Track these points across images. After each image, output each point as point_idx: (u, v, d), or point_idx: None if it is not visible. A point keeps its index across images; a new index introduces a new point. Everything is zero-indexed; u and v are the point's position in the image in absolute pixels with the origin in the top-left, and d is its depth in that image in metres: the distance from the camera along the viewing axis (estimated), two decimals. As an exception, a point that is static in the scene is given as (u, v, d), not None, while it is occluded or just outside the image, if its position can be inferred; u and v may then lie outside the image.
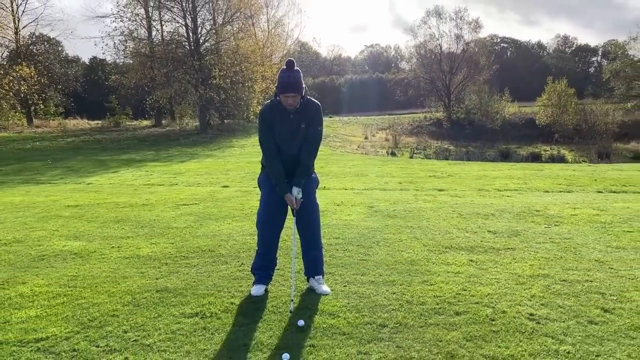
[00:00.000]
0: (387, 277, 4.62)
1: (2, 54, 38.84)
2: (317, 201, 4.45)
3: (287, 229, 4.58)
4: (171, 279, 4.61)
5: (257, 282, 4.29)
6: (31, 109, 37.59)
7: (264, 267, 4.33)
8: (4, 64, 36.19)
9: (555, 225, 6.72)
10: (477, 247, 5.60)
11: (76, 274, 4.83)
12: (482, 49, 46.47)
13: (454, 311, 3.80)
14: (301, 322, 3.59)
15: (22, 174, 15.35)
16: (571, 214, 7.41)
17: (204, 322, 3.66)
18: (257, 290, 4.21)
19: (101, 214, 8.00)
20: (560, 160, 29.04)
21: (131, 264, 5.14)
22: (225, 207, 8.46)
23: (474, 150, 32.27)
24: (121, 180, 13.03)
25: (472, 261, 5.09)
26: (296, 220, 4.25)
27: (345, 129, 41.70)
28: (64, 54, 49.58)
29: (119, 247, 5.84)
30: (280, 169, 4.15)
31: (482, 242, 5.85)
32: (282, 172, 4.15)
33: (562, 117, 38.37)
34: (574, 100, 39.84)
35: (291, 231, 4.51)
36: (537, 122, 39.83)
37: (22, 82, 33.56)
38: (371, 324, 3.59)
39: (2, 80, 32.90)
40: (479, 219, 7.14)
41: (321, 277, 4.36)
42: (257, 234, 4.40)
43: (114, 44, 33.81)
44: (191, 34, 33.74)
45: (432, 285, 4.39)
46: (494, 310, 3.81)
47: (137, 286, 4.43)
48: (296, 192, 4.15)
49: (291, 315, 3.73)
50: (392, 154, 28.76)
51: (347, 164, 16.81)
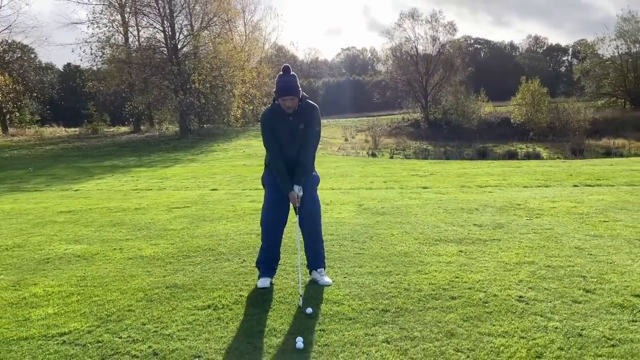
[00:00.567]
0: (384, 268, 4.89)
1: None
2: (318, 198, 4.71)
3: (288, 225, 4.81)
4: (178, 276, 4.82)
5: (262, 275, 4.53)
6: (6, 117, 37.09)
7: (268, 261, 4.57)
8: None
9: (536, 217, 7.08)
10: (465, 239, 5.92)
11: (84, 274, 5.00)
12: (457, 51, 47.28)
13: (449, 296, 4.09)
14: (309, 310, 3.84)
15: (5, 182, 15.29)
16: (550, 207, 7.79)
17: (217, 313, 3.88)
18: (263, 282, 4.45)
19: (96, 218, 8.13)
20: (535, 157, 29.78)
21: (136, 264, 5.33)
22: (217, 209, 8.65)
23: (452, 149, 32.88)
24: (108, 186, 13.10)
25: (461, 252, 5.40)
26: (299, 216, 4.49)
27: (324, 132, 41.85)
28: (38, 61, 48.94)
29: (120, 248, 6.01)
30: (283, 169, 4.39)
31: (469, 234, 6.17)
32: (285, 172, 4.39)
33: (536, 115, 39.26)
34: (547, 99, 40.82)
35: (291, 227, 4.75)
36: (512, 121, 40.68)
37: (-4, 91, 33.18)
38: (374, 310, 3.86)
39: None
40: (464, 214, 7.48)
41: (323, 269, 4.62)
42: (260, 229, 4.64)
43: (91, 50, 33.62)
44: (169, 40, 33.72)
45: (426, 274, 4.67)
46: (486, 294, 4.11)
47: (147, 283, 4.62)
48: (297, 189, 4.41)
49: (300, 300, 3.96)
50: (373, 155, 29.16)
51: (331, 165, 17.11)
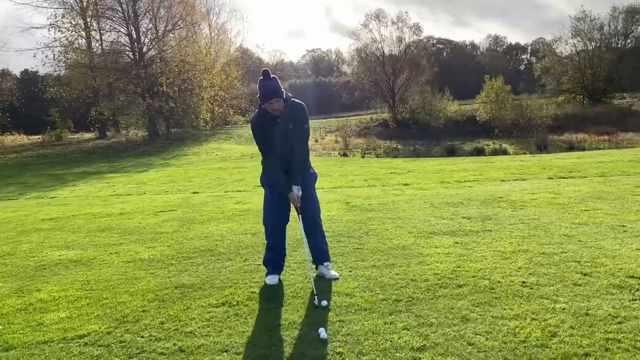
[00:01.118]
0: (386, 261, 5.01)
1: None
2: (316, 195, 4.81)
3: (290, 222, 4.88)
4: (184, 277, 4.83)
5: (270, 272, 4.59)
6: (-36, 126, 35.85)
7: (275, 259, 4.63)
8: None
9: (520, 209, 7.33)
10: (457, 231, 6.10)
11: (86, 279, 4.95)
12: (422, 51, 47.99)
13: (455, 284, 4.24)
14: (324, 303, 3.92)
15: (-27, 192, 14.80)
16: (531, 199, 8.08)
17: (233, 309, 3.93)
18: (271, 279, 4.52)
19: (81, 224, 8.00)
20: (502, 153, 30.52)
21: (137, 266, 5.30)
22: (204, 211, 8.63)
23: (421, 148, 33.42)
24: (85, 192, 12.86)
25: (457, 243, 5.57)
26: (301, 215, 4.56)
27: (294, 133, 42.03)
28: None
29: (116, 253, 5.96)
30: (281, 173, 4.45)
31: (460, 226, 6.36)
32: (283, 175, 4.45)
33: (501, 112, 40.19)
34: (510, 96, 41.84)
35: (292, 224, 4.81)
36: (477, 118, 41.54)
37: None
38: (386, 300, 3.97)
39: None
40: (450, 208, 7.68)
41: (329, 263, 4.71)
42: (264, 228, 4.71)
43: (54, 55, 32.79)
44: (134, 43, 33.20)
45: (428, 265, 4.82)
46: (490, 281, 4.27)
47: (154, 285, 4.62)
48: (296, 190, 4.49)
49: (314, 298, 4.03)
50: (344, 155, 29.37)
51: (308, 165, 17.17)
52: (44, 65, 34.92)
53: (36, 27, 35.85)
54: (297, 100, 4.52)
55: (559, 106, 45.19)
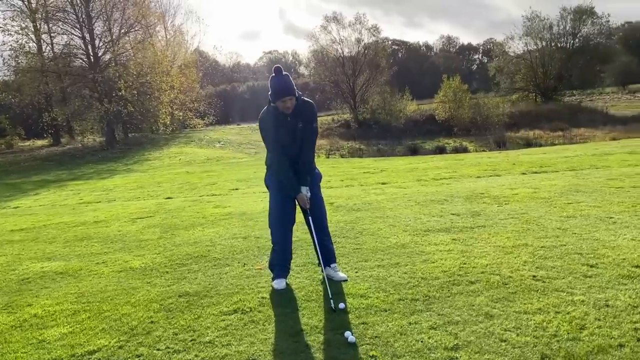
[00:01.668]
0: (389, 260, 4.95)
1: None
2: (322, 195, 4.70)
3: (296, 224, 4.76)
4: (184, 285, 4.63)
5: (277, 276, 4.44)
6: None
7: (282, 262, 4.49)
8: None
9: (505, 204, 7.42)
10: (451, 228, 6.10)
11: (79, 291, 4.68)
12: (381, 52, 48.52)
13: (467, 281, 4.21)
14: (342, 305, 3.82)
15: None
16: (513, 194, 8.19)
17: (248, 316, 3.77)
18: (279, 284, 4.38)
19: (56, 234, 7.61)
20: (463, 150, 31.18)
21: (130, 276, 5.06)
22: (184, 216, 8.37)
23: (384, 148, 33.74)
24: (50, 201, 12.30)
25: (454, 240, 5.56)
26: (311, 217, 4.44)
27: (256, 136, 41.66)
28: None
29: (104, 262, 5.67)
30: (290, 172, 4.32)
31: (452, 223, 6.37)
32: (292, 175, 4.33)
33: (459, 111, 41.13)
34: (468, 95, 42.83)
35: (295, 227, 4.69)
36: (436, 117, 42.37)
37: None
38: (403, 300, 3.90)
39: None
40: (436, 205, 7.70)
41: (335, 265, 4.61)
42: (270, 232, 4.56)
43: (2, 59, 31.40)
44: (89, 46, 32.13)
45: (433, 263, 4.78)
46: (500, 276, 4.27)
47: (155, 294, 4.41)
48: (305, 191, 4.38)
49: (330, 301, 3.91)
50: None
51: (278, 167, 17.00)
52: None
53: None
54: (307, 98, 4.41)
55: (514, 104, 46.58)
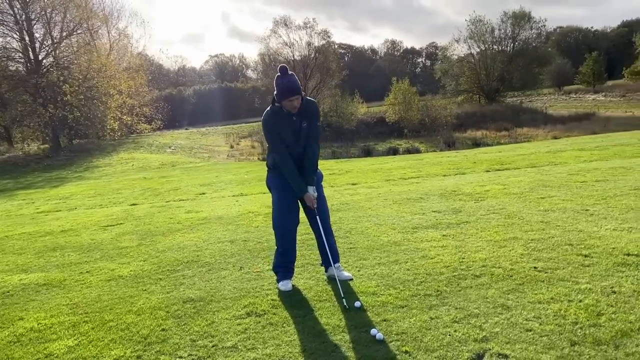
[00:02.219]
0: (388, 258, 4.98)
1: None
2: (324, 194, 4.68)
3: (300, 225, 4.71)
4: (185, 291, 4.48)
5: (282, 278, 4.38)
6: None
7: (286, 264, 4.43)
8: None
9: (481, 200, 7.61)
10: (438, 225, 6.20)
11: (71, 302, 4.45)
12: (332, 55, 48.93)
13: (472, 275, 4.29)
14: (358, 304, 3.81)
15: None
16: (484, 190, 8.41)
17: (264, 319, 3.69)
18: (285, 285, 4.31)
19: (23, 245, 7.21)
20: (415, 151, 31.85)
21: (122, 284, 4.85)
22: (157, 222, 8.13)
23: (339, 150, 33.99)
24: (4, 211, 11.64)
25: (445, 236, 5.65)
26: (318, 217, 4.41)
27: (206, 140, 41.14)
28: None
29: (88, 272, 5.42)
30: (296, 172, 4.29)
31: (437, 220, 6.47)
32: (298, 175, 4.29)
33: (409, 113, 42.02)
34: (416, 97, 43.83)
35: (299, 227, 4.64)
36: (387, 119, 43.10)
37: None
38: (416, 296, 3.93)
39: None
40: (414, 203, 7.80)
41: (339, 264, 4.59)
42: (274, 234, 4.50)
43: None
44: (29, 50, 30.67)
45: (432, 259, 4.84)
46: (503, 269, 4.37)
47: (156, 301, 4.25)
48: (312, 190, 4.35)
49: (342, 300, 3.89)
50: (264, 160, 29.11)
51: (239, 171, 16.81)
52: None
53: None
54: (310, 98, 4.40)
55: (460, 105, 48.12)
